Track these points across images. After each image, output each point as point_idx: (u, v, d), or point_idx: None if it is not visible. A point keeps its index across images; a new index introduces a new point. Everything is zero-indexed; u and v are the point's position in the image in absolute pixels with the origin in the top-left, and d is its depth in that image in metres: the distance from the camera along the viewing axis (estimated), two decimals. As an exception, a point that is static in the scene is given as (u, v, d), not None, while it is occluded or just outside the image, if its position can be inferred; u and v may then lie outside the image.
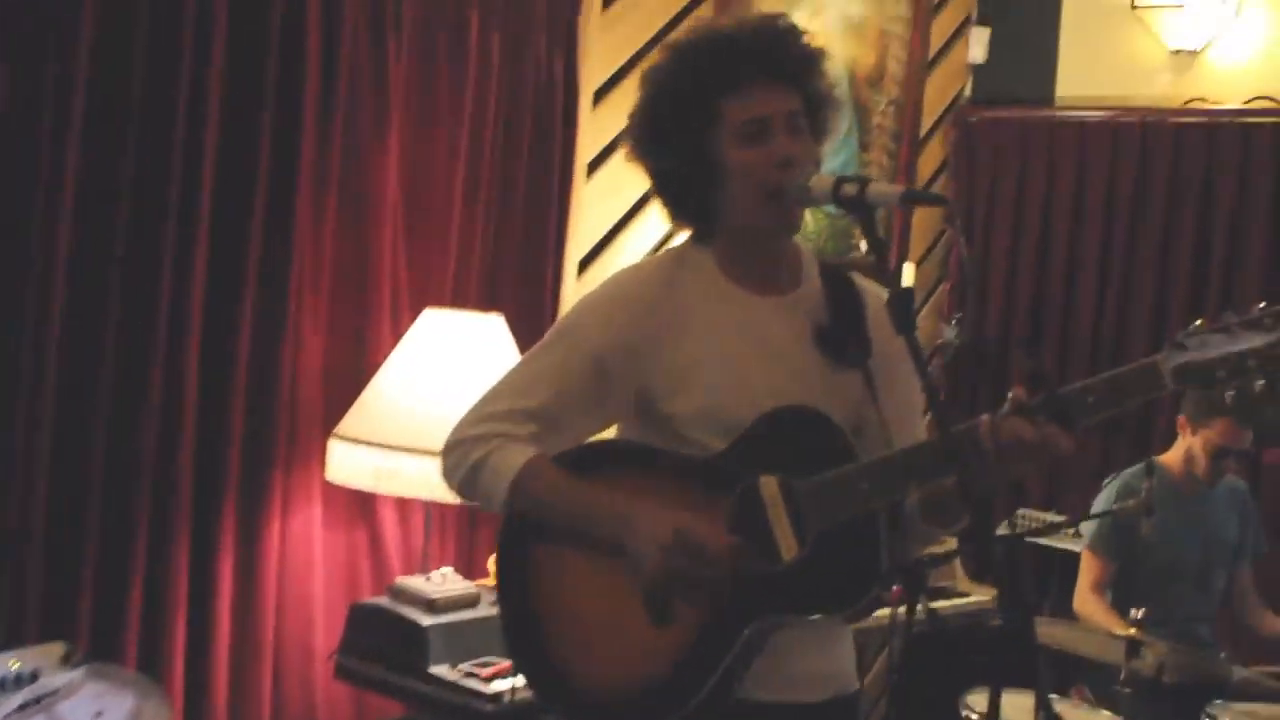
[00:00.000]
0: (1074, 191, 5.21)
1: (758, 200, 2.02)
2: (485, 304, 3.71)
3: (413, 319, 3.42)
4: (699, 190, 2.07)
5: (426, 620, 3.17)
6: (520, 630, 2.13)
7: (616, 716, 2.06)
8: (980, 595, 4.62)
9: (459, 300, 3.68)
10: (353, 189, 3.44)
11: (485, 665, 3.12)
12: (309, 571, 3.43)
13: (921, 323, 5.26)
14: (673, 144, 2.06)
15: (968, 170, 5.43)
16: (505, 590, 2.16)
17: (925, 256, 5.43)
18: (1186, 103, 5.07)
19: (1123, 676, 3.11)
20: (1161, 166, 5.02)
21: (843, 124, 4.95)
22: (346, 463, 3.24)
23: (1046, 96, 5.35)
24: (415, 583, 3.29)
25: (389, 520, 3.58)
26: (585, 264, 4.10)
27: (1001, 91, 5.44)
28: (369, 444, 3.20)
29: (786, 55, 2.06)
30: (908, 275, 4.96)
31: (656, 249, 4.14)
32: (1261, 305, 1.86)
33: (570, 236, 3.99)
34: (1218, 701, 3.47)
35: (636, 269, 2.20)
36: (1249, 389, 1.83)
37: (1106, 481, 4.15)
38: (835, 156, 4.92)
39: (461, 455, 2.10)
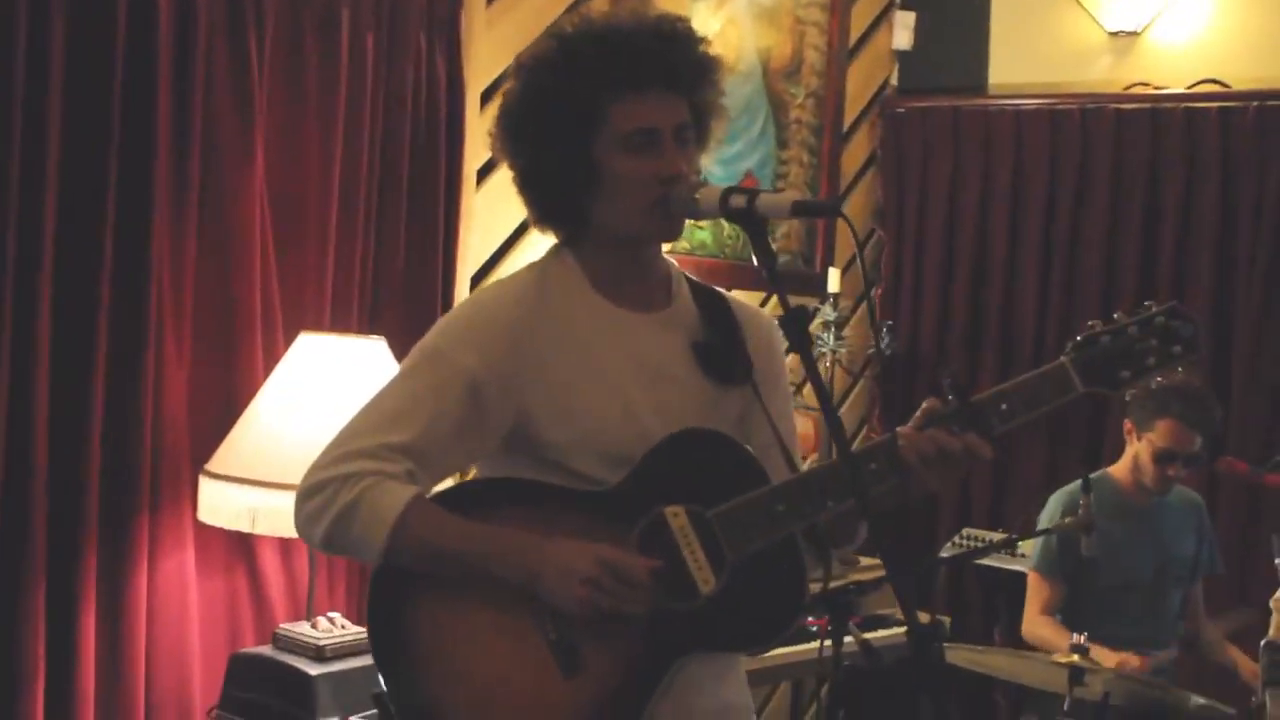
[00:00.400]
0: (1012, 184, 5.42)
1: (640, 212, 2.12)
2: (367, 326, 3.82)
3: (288, 344, 3.51)
4: (574, 193, 2.16)
5: (314, 669, 3.27)
6: (405, 695, 2.12)
7: None
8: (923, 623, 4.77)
9: (338, 323, 3.78)
10: (215, 204, 3.54)
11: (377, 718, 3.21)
12: (184, 620, 3.51)
13: (851, 330, 5.42)
14: (550, 143, 2.13)
15: (896, 165, 5.62)
16: (383, 651, 2.13)
17: (853, 261, 5.59)
18: (1127, 88, 5.30)
19: (1066, 706, 3.25)
20: (1104, 155, 5.24)
21: (756, 121, 5.12)
22: (219, 502, 3.33)
23: (979, 84, 5.56)
24: (301, 629, 3.39)
25: (270, 562, 3.68)
26: (479, 279, 4.21)
27: (930, 79, 5.63)
28: (243, 481, 3.28)
29: (683, 63, 2.15)
30: (833, 281, 5.11)
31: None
32: (1147, 304, 2.08)
33: (460, 250, 4.10)
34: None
35: (501, 287, 2.26)
36: (1148, 384, 2.03)
37: (1051, 497, 4.32)
38: (750, 155, 5.09)
39: (327, 500, 2.08)
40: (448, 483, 2.26)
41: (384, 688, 2.13)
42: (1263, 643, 2.96)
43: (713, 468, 2.11)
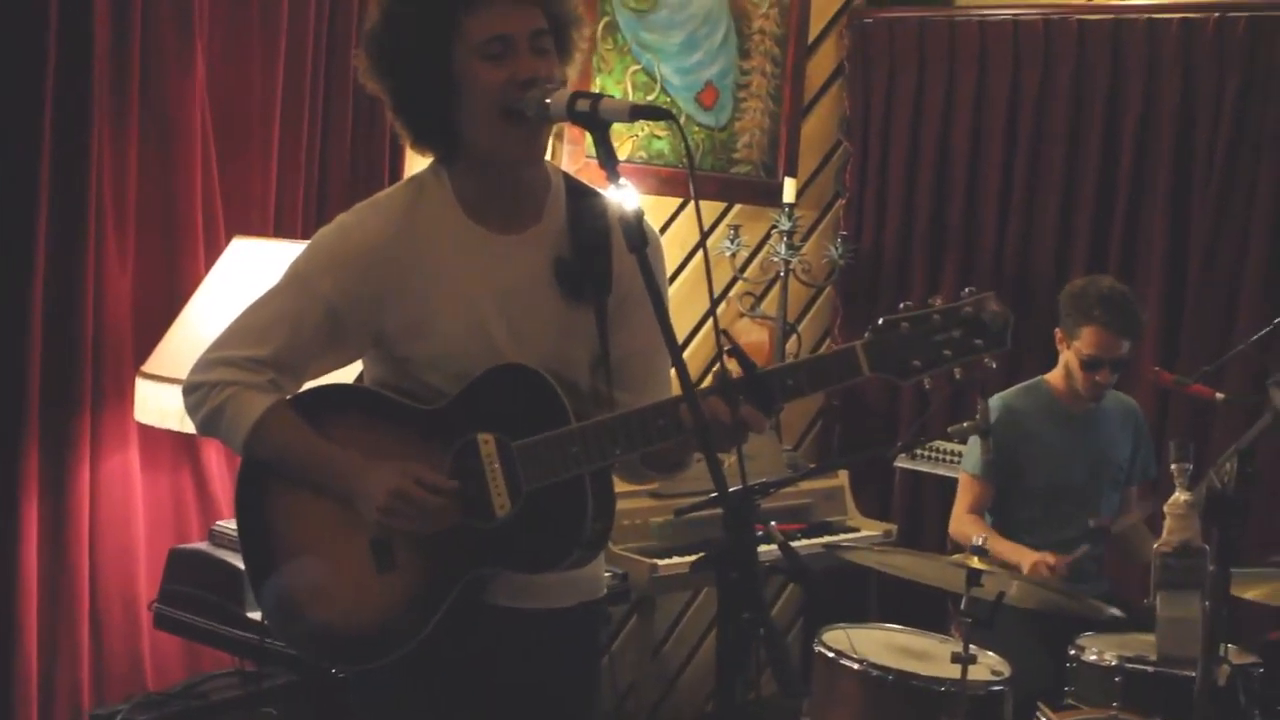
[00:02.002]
0: (975, 95, 5.43)
1: (497, 120, 2.21)
2: (313, 232, 3.89)
3: (232, 249, 3.60)
4: (439, 110, 2.25)
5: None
6: (259, 568, 2.41)
7: (347, 653, 2.39)
8: (872, 530, 4.90)
9: (284, 229, 3.87)
10: (155, 109, 3.61)
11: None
12: (128, 518, 3.64)
13: (813, 243, 5.49)
14: (411, 61, 2.23)
15: (863, 77, 5.63)
16: (244, 530, 2.44)
17: (818, 171, 5.64)
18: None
19: (963, 605, 3.35)
20: (1066, 66, 5.25)
21: (717, 31, 5.15)
22: (154, 402, 3.42)
23: (945, -5, 5.57)
24: (235, 525, 3.50)
25: (214, 460, 3.80)
26: (427, 186, 4.28)
27: (901, -11, 5.63)
28: (175, 381, 3.34)
29: None
30: (788, 191, 5.17)
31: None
32: (967, 290, 2.08)
33: (407, 157, 4.17)
34: (1088, 633, 3.75)
35: (373, 208, 2.37)
36: (949, 373, 2.06)
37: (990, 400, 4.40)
38: (710, 65, 5.13)
39: (199, 399, 2.35)
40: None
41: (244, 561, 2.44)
42: (1154, 546, 3.06)
43: (525, 401, 2.25)
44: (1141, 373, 4.54)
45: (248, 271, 3.49)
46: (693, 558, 4.15)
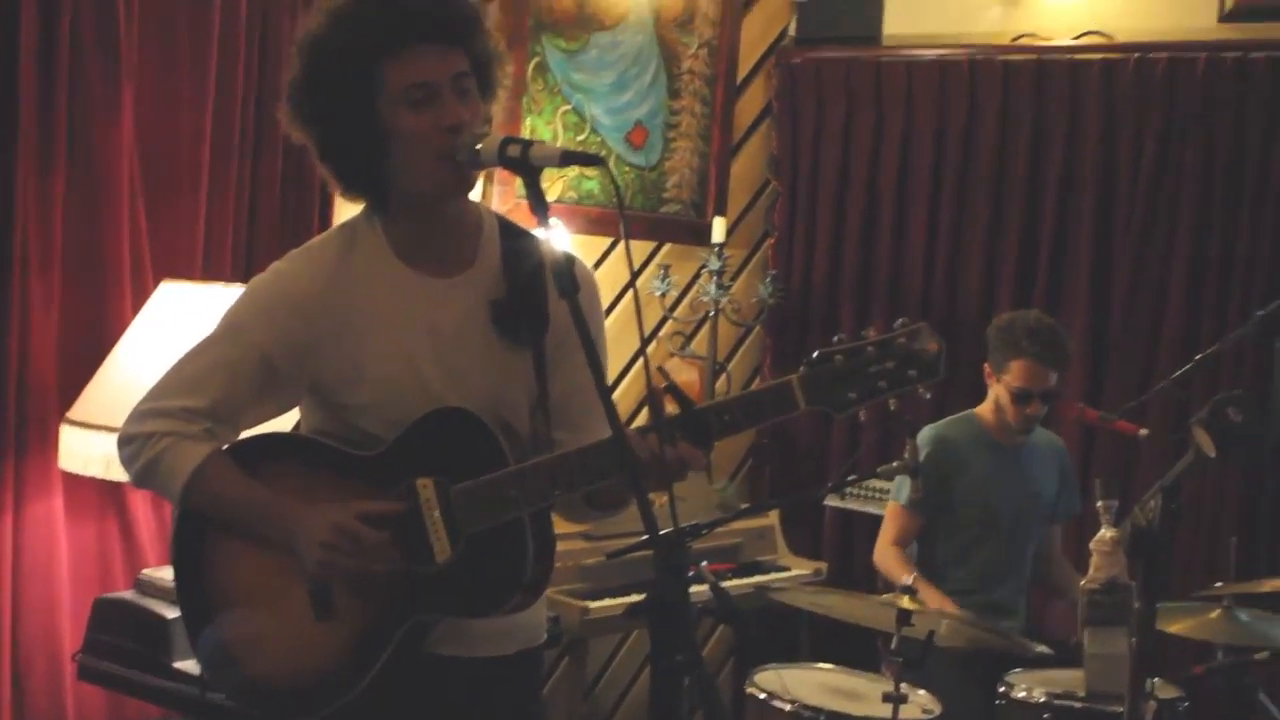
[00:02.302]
0: (902, 134, 5.50)
1: (428, 165, 2.22)
2: (242, 274, 3.89)
3: (158, 295, 3.58)
4: (366, 159, 2.25)
5: (171, 613, 3.34)
6: (196, 618, 2.39)
7: (287, 704, 2.36)
8: (802, 569, 4.92)
9: (212, 271, 3.85)
10: (82, 150, 3.59)
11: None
12: (52, 566, 3.59)
13: (742, 281, 5.52)
14: (335, 111, 2.23)
15: (791, 116, 5.68)
16: (182, 578, 2.41)
17: (747, 210, 5.68)
18: (1015, 39, 5.38)
19: (893, 645, 3.37)
20: (991, 106, 5.32)
21: (647, 71, 5.19)
22: (80, 449, 3.38)
23: (873, 35, 5.62)
24: (163, 574, 3.46)
25: (140, 508, 3.76)
26: (357, 228, 4.27)
27: (826, 31, 5.68)
28: (102, 428, 3.34)
29: (448, 16, 2.25)
30: (718, 231, 5.20)
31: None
32: (900, 321, 2.11)
33: (336, 201, 4.15)
34: (1017, 670, 3.78)
35: (306, 255, 2.38)
36: (882, 407, 2.08)
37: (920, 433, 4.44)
38: (640, 105, 5.16)
39: (135, 451, 2.33)
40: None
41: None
42: (1082, 583, 3.10)
43: (462, 445, 2.25)
44: (1065, 410, 4.59)
45: (175, 315, 3.47)
46: (625, 599, 4.23)
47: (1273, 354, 4.55)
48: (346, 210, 4.08)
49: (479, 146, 2.17)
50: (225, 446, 2.36)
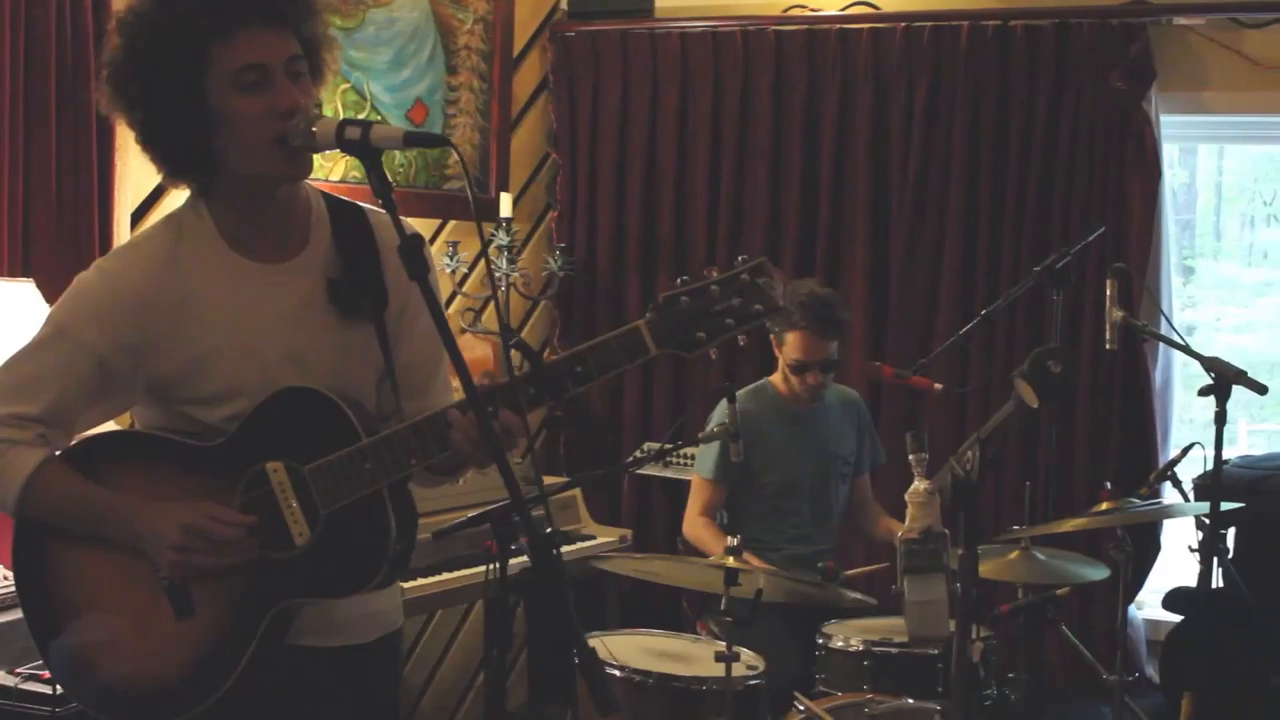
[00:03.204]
0: (679, 106, 5.57)
1: (261, 149, 2.16)
2: (20, 268, 3.72)
3: (-69, 288, 3.41)
4: (194, 141, 2.17)
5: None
6: (44, 628, 2.29)
7: (149, 707, 2.26)
8: (608, 536, 4.96)
9: (-12, 266, 3.68)
10: None
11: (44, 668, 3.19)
12: None
13: (528, 254, 5.53)
14: (161, 94, 2.15)
15: (568, 89, 5.70)
16: (25, 588, 2.31)
17: (529, 184, 5.69)
18: (786, 10, 5.51)
19: (723, 605, 3.43)
20: (765, 75, 5.43)
21: (424, 48, 5.14)
22: None
23: (646, 8, 5.67)
24: (-37, 581, 3.32)
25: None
26: (139, 215, 4.14)
27: (599, 4, 5.71)
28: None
29: None
30: (505, 206, 5.19)
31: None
32: (741, 258, 2.12)
33: (117, 186, 4.02)
34: (833, 621, 3.90)
35: (132, 253, 2.30)
36: (732, 342, 2.09)
37: (717, 406, 4.53)
38: (419, 82, 5.11)
39: None
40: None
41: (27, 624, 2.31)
42: (898, 536, 3.20)
43: (311, 424, 2.21)
44: (861, 368, 4.73)
45: (-41, 313, 3.32)
46: (437, 578, 4.20)
47: (1045, 307, 4.80)
48: (126, 199, 4.03)
49: (315, 129, 2.12)
50: (58, 452, 2.27)
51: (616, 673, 3.51)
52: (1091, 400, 4.93)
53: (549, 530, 2.03)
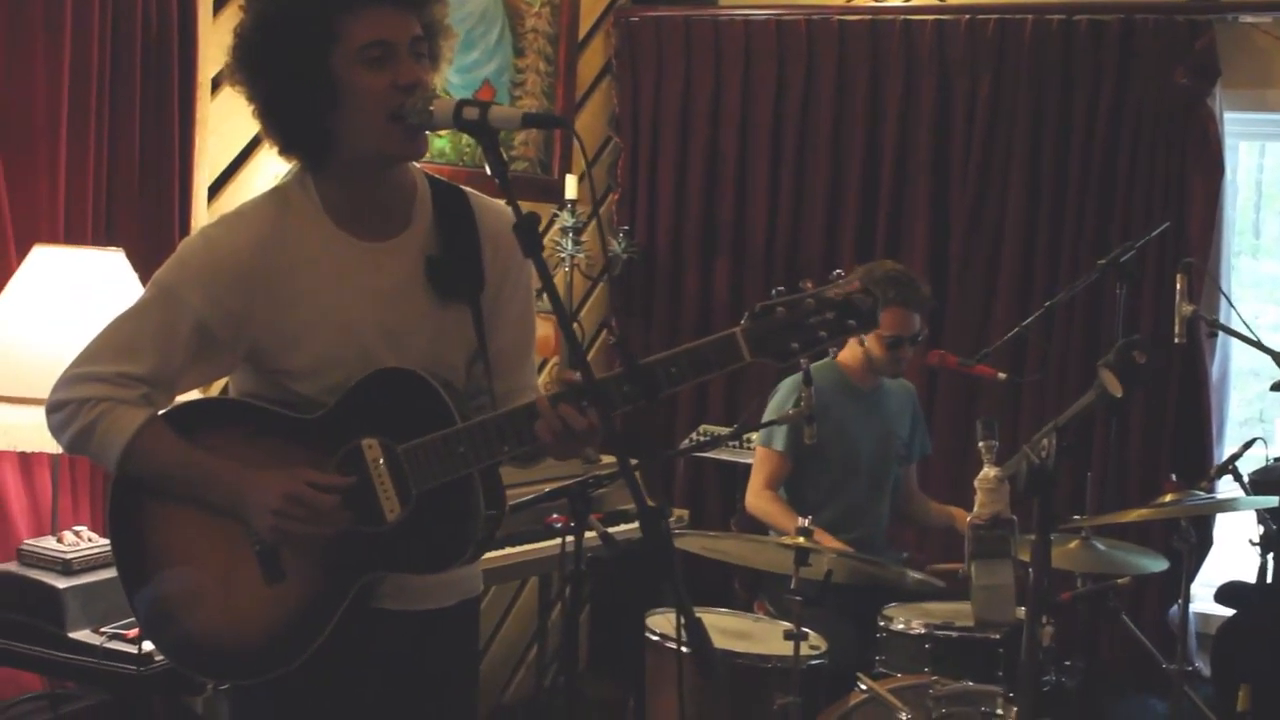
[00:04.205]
0: (742, 93, 5.62)
1: (379, 125, 2.20)
2: (103, 238, 3.79)
3: (20, 257, 3.48)
4: (314, 113, 2.22)
5: (62, 583, 3.29)
6: (137, 585, 2.36)
7: (241, 665, 2.34)
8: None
9: (74, 237, 3.74)
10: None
11: (131, 625, 3.25)
12: (-79, 542, 3.48)
13: (590, 235, 5.58)
14: (287, 64, 2.19)
15: (631, 73, 5.76)
16: (120, 546, 2.38)
17: (590, 165, 5.74)
18: (850, 1, 5.53)
19: (793, 585, 3.49)
20: (828, 64, 5.47)
21: (492, 30, 5.19)
22: (-42, 419, 3.30)
23: (711, -6, 5.72)
24: (46, 544, 3.40)
25: (10, 478, 3.65)
26: (216, 189, 4.21)
27: (664, -12, 5.76)
28: (-21, 397, 3.27)
29: None
30: (570, 188, 5.24)
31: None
32: (836, 273, 2.18)
33: (196, 161, 4.09)
34: (894, 604, 3.95)
35: (238, 220, 2.34)
36: (822, 353, 2.14)
37: (781, 383, 4.57)
38: (487, 64, 5.16)
39: (68, 416, 2.29)
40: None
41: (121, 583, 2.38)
42: (968, 520, 3.24)
43: (407, 404, 2.26)
44: (926, 357, 4.76)
45: (48, 281, 3.39)
46: (515, 549, 4.25)
47: (1104, 299, 4.83)
48: (207, 170, 4.10)
49: (432, 108, 2.16)
50: (161, 413, 2.33)
51: (679, 649, 3.56)
52: (1148, 393, 4.96)
53: (655, 503, 2.06)
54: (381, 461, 2.24)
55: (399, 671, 2.41)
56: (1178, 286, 3.90)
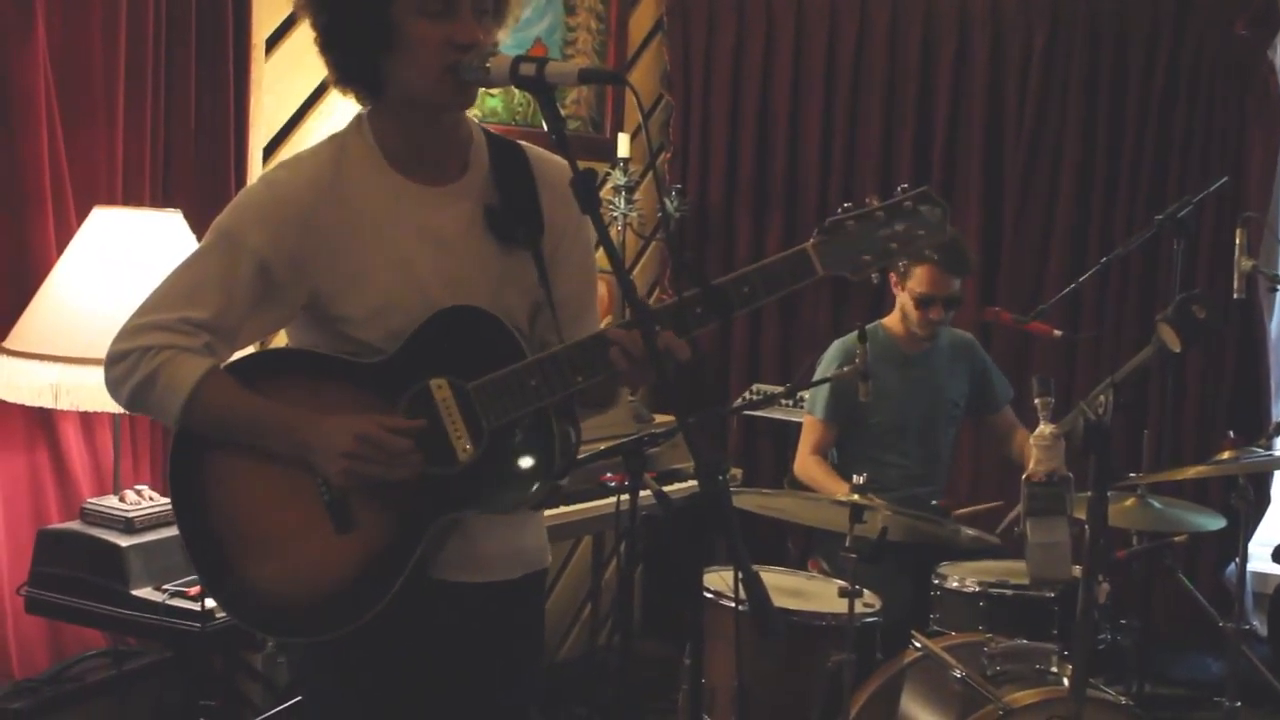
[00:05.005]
0: (794, 49, 5.59)
1: (433, 75, 2.19)
2: (160, 200, 3.82)
3: (80, 220, 3.51)
4: (371, 52, 2.22)
5: (124, 541, 3.33)
6: (199, 542, 2.32)
7: (307, 622, 2.29)
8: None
9: (131, 198, 3.78)
10: (-3, 81, 3.49)
11: (193, 583, 3.31)
12: (-14, 500, 3.53)
13: (642, 194, 5.57)
14: (348, 3, 2.20)
15: (683, 31, 5.73)
16: (181, 502, 2.33)
17: (646, 121, 5.71)
18: (903, -47, 5.49)
19: (848, 543, 3.48)
20: (881, 21, 5.44)
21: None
22: (20, 379, 3.33)
23: (761, -49, 5.67)
24: (108, 503, 3.44)
25: (73, 438, 3.69)
26: (271, 150, 4.24)
27: (714, -55, 5.72)
28: (44, 357, 3.30)
29: None
30: (623, 146, 5.24)
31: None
32: (902, 188, 2.18)
33: (252, 121, 4.10)
34: (945, 562, 3.94)
35: (297, 165, 2.33)
36: (894, 267, 2.15)
37: (830, 347, 4.57)
38: (538, 22, 5.16)
39: (129, 368, 2.25)
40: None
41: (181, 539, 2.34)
42: (1023, 478, 3.23)
43: (474, 342, 2.24)
44: (982, 314, 4.74)
45: (109, 242, 3.42)
46: (559, 510, 4.27)
47: (1159, 255, 4.79)
48: (262, 131, 4.12)
49: (489, 65, 2.16)
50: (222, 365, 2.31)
51: (737, 606, 3.57)
52: (1206, 349, 4.92)
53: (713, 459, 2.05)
54: (451, 400, 2.22)
55: (462, 645, 2.38)
56: (1236, 241, 3.86)
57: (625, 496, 3.05)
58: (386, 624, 2.26)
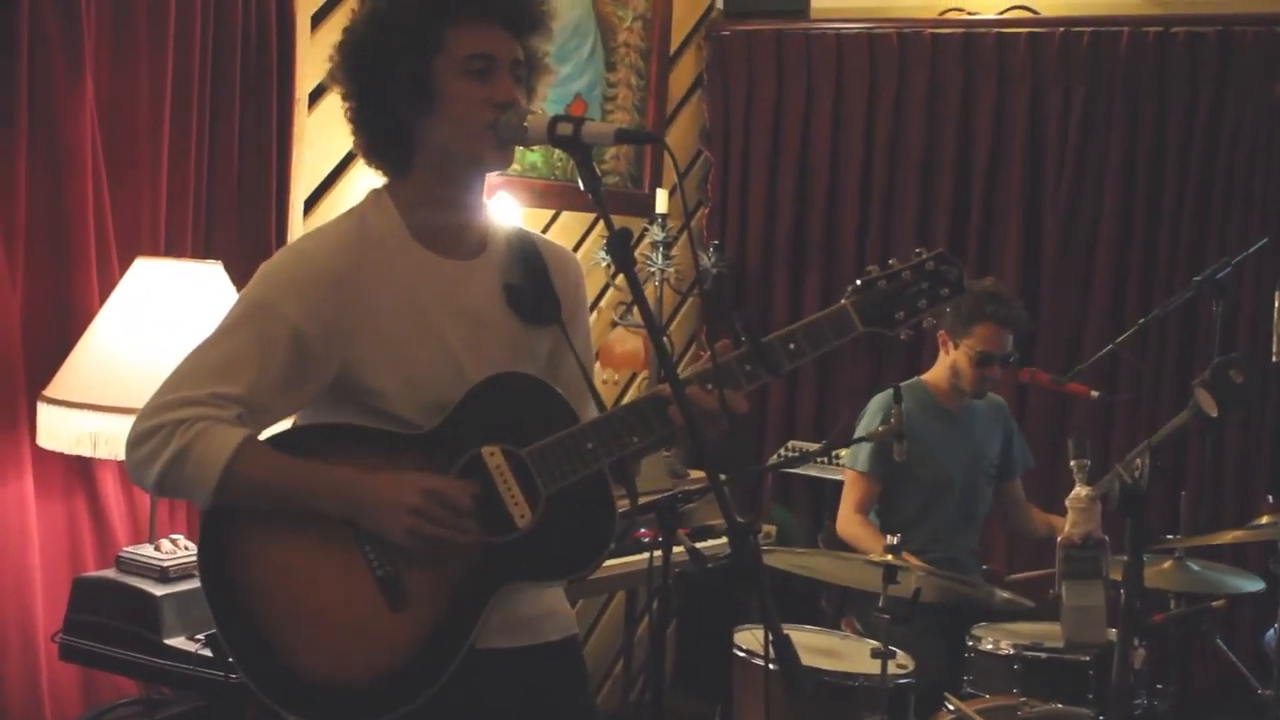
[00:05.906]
0: (833, 106, 5.62)
1: (472, 134, 2.24)
2: (202, 251, 3.87)
3: (123, 271, 3.55)
4: (408, 115, 2.25)
5: (158, 590, 3.33)
6: (234, 623, 2.21)
7: (358, 706, 2.19)
8: (750, 532, 5.01)
9: (174, 249, 3.82)
10: (45, 125, 3.53)
11: (225, 633, 3.31)
12: (24, 546, 3.54)
13: (679, 251, 5.60)
14: (392, 63, 2.23)
15: (722, 88, 5.78)
16: (213, 589, 2.22)
17: (681, 180, 5.76)
18: (942, 13, 5.53)
19: (881, 603, 3.47)
20: (920, 79, 5.46)
21: (585, 44, 5.24)
22: (60, 427, 3.36)
23: (800, 8, 5.73)
24: (144, 551, 3.45)
25: (110, 486, 3.72)
26: (312, 203, 4.29)
27: (754, 4, 5.78)
28: (84, 406, 3.33)
29: (525, 6, 2.29)
30: (661, 203, 5.27)
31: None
32: (918, 250, 2.31)
33: (293, 174, 4.16)
34: (982, 624, 3.93)
35: (322, 235, 2.33)
36: (920, 324, 2.26)
37: (870, 402, 4.57)
38: (579, 78, 5.21)
39: (160, 443, 2.16)
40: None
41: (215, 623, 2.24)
42: (1059, 540, 3.22)
43: (525, 408, 2.25)
44: (1019, 375, 4.73)
45: (151, 292, 3.46)
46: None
47: (1198, 317, 4.77)
48: (302, 185, 4.17)
49: (526, 124, 2.20)
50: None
51: (767, 664, 3.56)
52: (1245, 411, 4.88)
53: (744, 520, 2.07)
54: (505, 467, 2.20)
55: (516, 710, 2.33)
56: (1276, 304, 3.85)
57: (658, 553, 3.05)
58: (436, 703, 2.19)
